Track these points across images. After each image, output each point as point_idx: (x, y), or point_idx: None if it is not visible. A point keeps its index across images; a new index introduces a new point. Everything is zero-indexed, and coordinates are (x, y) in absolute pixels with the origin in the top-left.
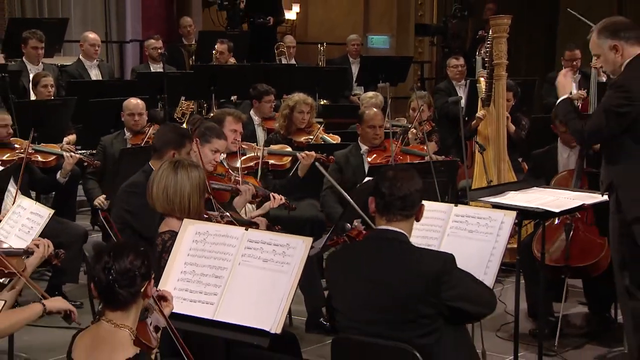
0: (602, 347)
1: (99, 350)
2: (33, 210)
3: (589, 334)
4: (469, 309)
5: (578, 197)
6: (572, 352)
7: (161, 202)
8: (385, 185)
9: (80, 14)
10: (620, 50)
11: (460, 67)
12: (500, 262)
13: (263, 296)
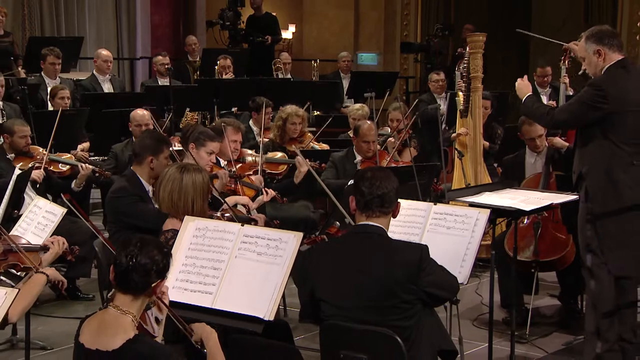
0: (568, 334)
1: (103, 334)
2: (48, 209)
3: (557, 323)
4: (440, 293)
5: (547, 197)
6: (541, 339)
7: (167, 204)
8: (365, 185)
9: (95, 33)
10: (603, 55)
11: (441, 81)
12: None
13: (257, 286)
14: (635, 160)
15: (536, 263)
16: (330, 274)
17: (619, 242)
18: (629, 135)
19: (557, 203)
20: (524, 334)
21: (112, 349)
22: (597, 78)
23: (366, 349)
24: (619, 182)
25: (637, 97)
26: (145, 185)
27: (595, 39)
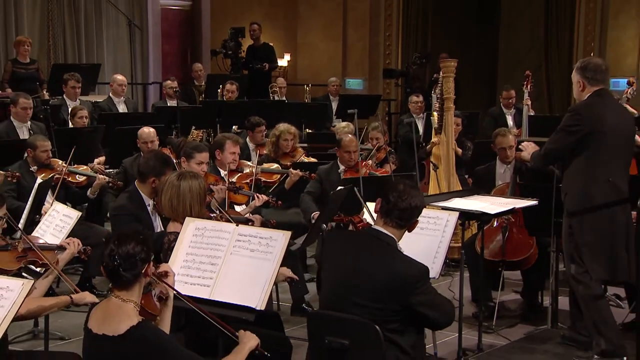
0: (530, 325)
1: (109, 321)
2: (65, 213)
3: (520, 316)
4: (431, 315)
5: (510, 202)
6: (506, 330)
7: (168, 209)
8: (394, 195)
9: (112, 61)
10: (582, 86)
11: (420, 103)
12: (446, 253)
13: (250, 279)
14: (611, 177)
15: (503, 262)
16: (336, 263)
17: (598, 251)
18: (604, 155)
19: (519, 207)
20: (491, 325)
21: (118, 334)
22: (574, 104)
23: (348, 335)
24: (596, 198)
25: (611, 121)
26: (146, 200)
27: (580, 71)
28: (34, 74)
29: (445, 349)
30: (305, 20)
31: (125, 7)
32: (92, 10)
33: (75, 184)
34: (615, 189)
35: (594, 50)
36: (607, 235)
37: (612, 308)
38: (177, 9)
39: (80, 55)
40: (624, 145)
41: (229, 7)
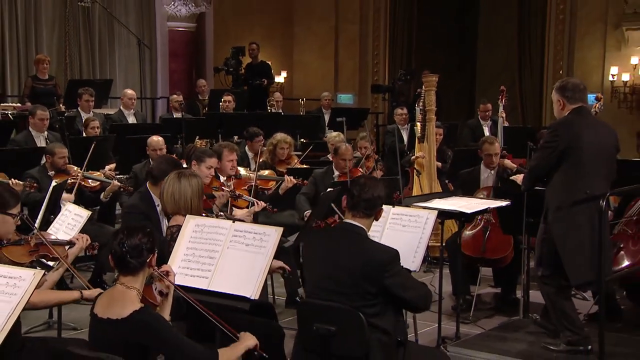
0: (504, 316)
1: (113, 306)
2: (76, 212)
3: (495, 308)
4: (404, 296)
5: (485, 203)
6: (483, 320)
7: (170, 204)
8: (356, 189)
9: (123, 77)
10: (562, 104)
11: (404, 115)
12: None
13: (245, 271)
14: (588, 190)
15: (482, 260)
16: (314, 258)
17: (575, 257)
18: (582, 170)
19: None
20: (468, 316)
21: (121, 317)
22: (554, 122)
23: (335, 322)
24: (573, 208)
25: (589, 138)
26: (156, 201)
27: (559, 90)
28: (52, 89)
29: (426, 338)
30: (301, 40)
31: (135, 28)
32: (105, 31)
33: (89, 188)
34: (594, 201)
35: (563, 68)
36: (586, 245)
37: (578, 301)
38: (183, 30)
39: (94, 71)
40: (602, 160)
41: (230, 28)
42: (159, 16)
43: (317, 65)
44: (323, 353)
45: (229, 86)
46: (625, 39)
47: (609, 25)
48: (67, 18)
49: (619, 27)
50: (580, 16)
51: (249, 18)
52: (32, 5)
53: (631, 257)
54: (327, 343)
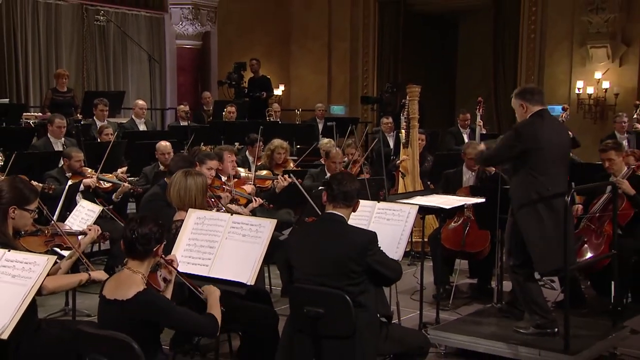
0: (480, 304)
1: (120, 287)
2: (89, 207)
3: (472, 297)
4: (384, 271)
5: (462, 200)
6: (461, 308)
7: (176, 200)
8: (335, 183)
9: (135, 90)
10: (525, 108)
11: (390, 123)
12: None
13: (242, 260)
14: (550, 186)
15: (462, 253)
16: (301, 248)
17: (543, 249)
18: (544, 168)
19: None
20: (448, 304)
21: (127, 298)
22: (517, 123)
23: (323, 305)
24: (537, 204)
25: (549, 139)
26: None
27: (519, 96)
28: (70, 100)
29: (409, 323)
30: (297, 57)
31: (146, 45)
32: (119, 48)
33: (102, 189)
34: (555, 197)
35: (534, 82)
36: (549, 237)
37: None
38: (190, 47)
39: (109, 84)
40: (561, 159)
41: (233, 45)
42: (168, 34)
43: (311, 79)
44: (313, 334)
45: (231, 98)
46: (590, 56)
47: (574, 44)
48: (84, 36)
49: (584, 45)
50: (550, 35)
51: (250, 37)
52: (53, 24)
53: (594, 250)
54: (316, 324)
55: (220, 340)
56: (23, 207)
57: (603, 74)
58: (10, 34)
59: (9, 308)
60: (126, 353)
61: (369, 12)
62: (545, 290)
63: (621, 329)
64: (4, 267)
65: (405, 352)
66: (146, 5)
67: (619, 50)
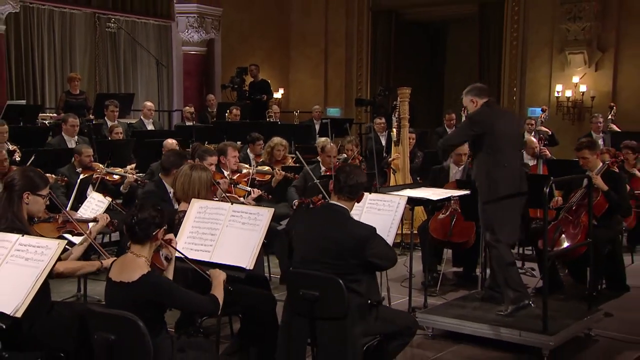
0: (465, 290)
1: (125, 270)
2: (99, 199)
3: (458, 284)
4: (381, 263)
5: (448, 192)
6: (448, 294)
7: (180, 192)
8: (342, 175)
9: (144, 92)
10: (475, 102)
11: (382, 124)
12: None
13: (241, 246)
14: (506, 163)
15: (449, 243)
16: (303, 233)
17: (502, 222)
18: (499, 147)
19: (455, 197)
20: (435, 290)
21: (132, 280)
22: (471, 112)
23: (318, 288)
24: (497, 179)
25: (499, 124)
26: (168, 188)
27: (470, 92)
28: (82, 102)
29: (398, 307)
30: (295, 62)
31: (155, 51)
32: (129, 53)
33: (111, 182)
34: (511, 173)
35: (516, 86)
36: (509, 208)
37: (527, 277)
38: (195, 53)
39: (119, 87)
40: (513, 140)
41: (235, 52)
42: (174, 41)
43: (309, 83)
44: (309, 315)
45: (234, 100)
46: (568, 62)
47: (554, 50)
48: (96, 42)
49: (563, 51)
50: (531, 42)
51: (251, 43)
52: (67, 31)
53: (571, 239)
54: (312, 306)
55: (222, 323)
56: (36, 193)
57: (580, 79)
58: (27, 40)
59: (22, 289)
60: (132, 331)
61: (363, 21)
62: (526, 278)
63: (596, 312)
64: (18, 251)
65: (395, 331)
66: (155, 14)
67: (595, 57)
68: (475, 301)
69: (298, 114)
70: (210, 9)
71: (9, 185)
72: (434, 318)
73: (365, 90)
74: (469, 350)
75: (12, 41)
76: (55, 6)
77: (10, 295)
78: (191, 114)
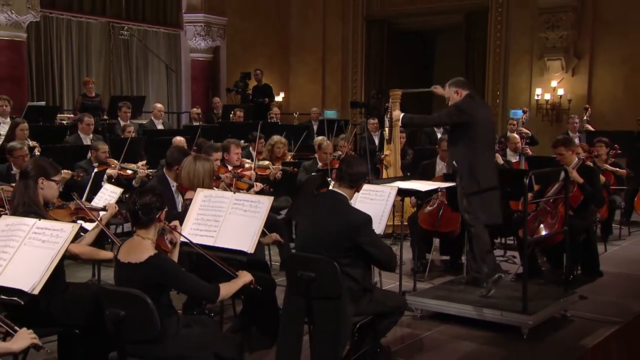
0: (452, 275)
1: (132, 252)
2: (112, 190)
3: (445, 270)
4: (375, 253)
5: (435, 185)
6: (436, 279)
7: (186, 182)
8: (344, 165)
9: (155, 95)
10: (460, 93)
11: (375, 124)
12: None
13: (243, 231)
14: (486, 151)
15: (436, 232)
16: (304, 218)
17: (482, 205)
18: (480, 137)
19: (442, 189)
20: (424, 276)
21: (139, 261)
22: (456, 102)
23: (315, 270)
24: (477, 166)
25: (481, 115)
26: (171, 183)
27: (453, 85)
28: (97, 104)
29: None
30: (295, 68)
31: (165, 57)
32: (141, 59)
33: (124, 176)
34: (489, 159)
35: (499, 90)
36: (489, 193)
37: (509, 264)
38: (202, 60)
39: (132, 90)
40: (490, 130)
41: (239, 58)
42: (183, 48)
43: (308, 88)
44: (306, 295)
45: (238, 103)
46: (547, 67)
47: (534, 57)
48: (111, 49)
49: (542, 58)
50: (513, 50)
51: (254, 50)
52: (84, 39)
53: (549, 228)
54: (309, 287)
55: (225, 305)
56: (50, 178)
57: (558, 83)
58: (47, 46)
59: (39, 269)
60: (141, 307)
61: (357, 30)
62: (508, 264)
63: (571, 295)
64: (35, 234)
65: (386, 311)
66: (165, 23)
67: (572, 63)
68: (461, 285)
69: (297, 116)
70: (216, 19)
71: (25, 173)
72: (423, 300)
73: (360, 94)
74: (454, 329)
75: (33, 48)
76: (73, 16)
77: (28, 274)
78: (198, 115)
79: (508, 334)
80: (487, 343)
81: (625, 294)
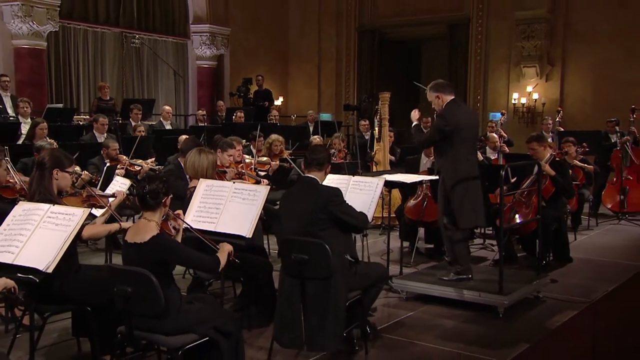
0: (435, 261)
1: (138, 232)
2: (122, 181)
3: (429, 256)
4: (349, 220)
5: (420, 177)
6: (420, 265)
7: (190, 171)
8: (309, 153)
9: (164, 99)
10: (441, 98)
11: (366, 125)
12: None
13: (242, 217)
14: (469, 157)
15: (421, 222)
16: (285, 205)
17: (464, 208)
18: (464, 143)
19: (426, 181)
20: (409, 262)
21: (144, 241)
22: (441, 111)
23: (307, 252)
24: (460, 172)
25: (466, 121)
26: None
27: (434, 88)
28: (111, 107)
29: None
30: (294, 75)
31: (173, 64)
32: (151, 66)
33: (134, 171)
34: (472, 164)
35: (480, 94)
36: (470, 197)
37: (487, 252)
38: (207, 67)
39: (143, 94)
40: (474, 136)
41: (241, 65)
42: (190, 56)
43: (305, 93)
44: (300, 276)
45: (240, 106)
46: (523, 74)
47: (511, 64)
48: (123, 56)
49: (519, 65)
50: (492, 58)
51: (255, 59)
52: (99, 47)
53: (523, 217)
54: (301, 268)
55: (226, 286)
56: (64, 170)
57: (533, 88)
58: (65, 54)
59: (53, 249)
60: (146, 284)
61: (350, 40)
62: (487, 252)
63: (544, 278)
64: (50, 218)
65: (372, 283)
66: (173, 33)
67: (545, 69)
68: (443, 269)
69: (295, 118)
70: (220, 29)
71: (41, 164)
72: (408, 283)
73: (352, 98)
74: (436, 309)
75: (52, 55)
76: (89, 26)
77: (42, 254)
78: (203, 116)
79: (485, 313)
80: (467, 321)
81: (592, 277)
